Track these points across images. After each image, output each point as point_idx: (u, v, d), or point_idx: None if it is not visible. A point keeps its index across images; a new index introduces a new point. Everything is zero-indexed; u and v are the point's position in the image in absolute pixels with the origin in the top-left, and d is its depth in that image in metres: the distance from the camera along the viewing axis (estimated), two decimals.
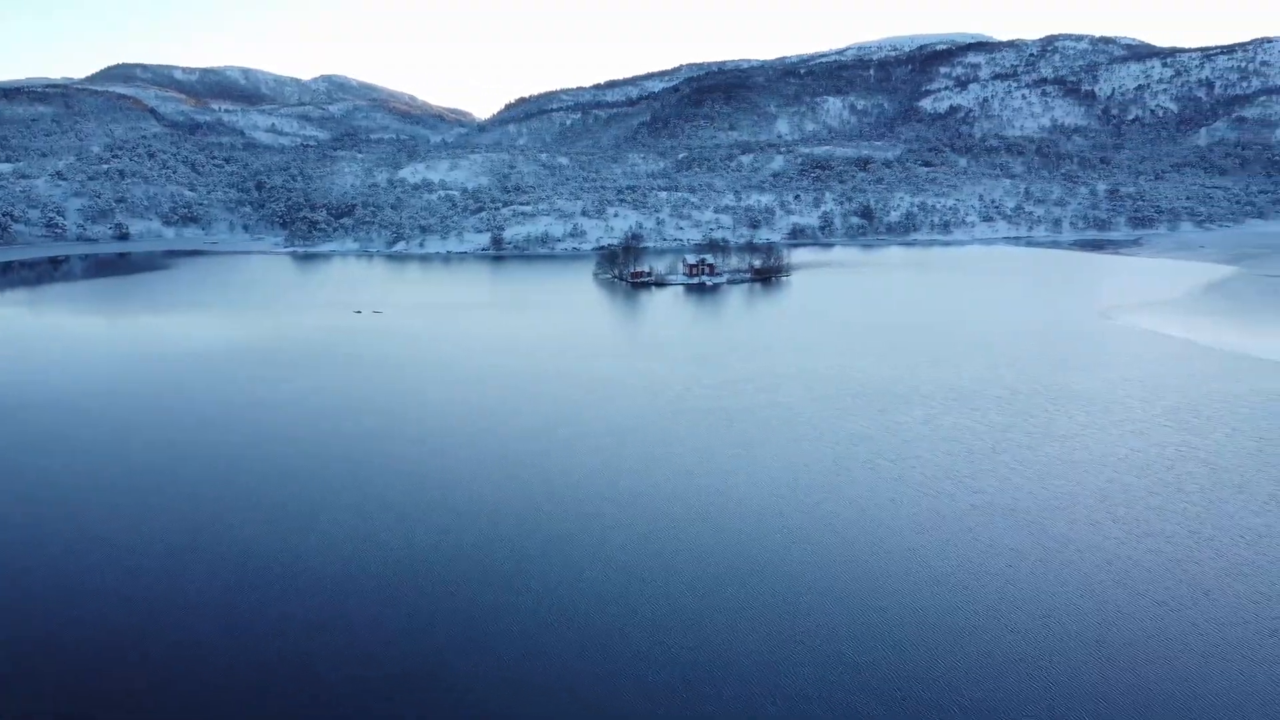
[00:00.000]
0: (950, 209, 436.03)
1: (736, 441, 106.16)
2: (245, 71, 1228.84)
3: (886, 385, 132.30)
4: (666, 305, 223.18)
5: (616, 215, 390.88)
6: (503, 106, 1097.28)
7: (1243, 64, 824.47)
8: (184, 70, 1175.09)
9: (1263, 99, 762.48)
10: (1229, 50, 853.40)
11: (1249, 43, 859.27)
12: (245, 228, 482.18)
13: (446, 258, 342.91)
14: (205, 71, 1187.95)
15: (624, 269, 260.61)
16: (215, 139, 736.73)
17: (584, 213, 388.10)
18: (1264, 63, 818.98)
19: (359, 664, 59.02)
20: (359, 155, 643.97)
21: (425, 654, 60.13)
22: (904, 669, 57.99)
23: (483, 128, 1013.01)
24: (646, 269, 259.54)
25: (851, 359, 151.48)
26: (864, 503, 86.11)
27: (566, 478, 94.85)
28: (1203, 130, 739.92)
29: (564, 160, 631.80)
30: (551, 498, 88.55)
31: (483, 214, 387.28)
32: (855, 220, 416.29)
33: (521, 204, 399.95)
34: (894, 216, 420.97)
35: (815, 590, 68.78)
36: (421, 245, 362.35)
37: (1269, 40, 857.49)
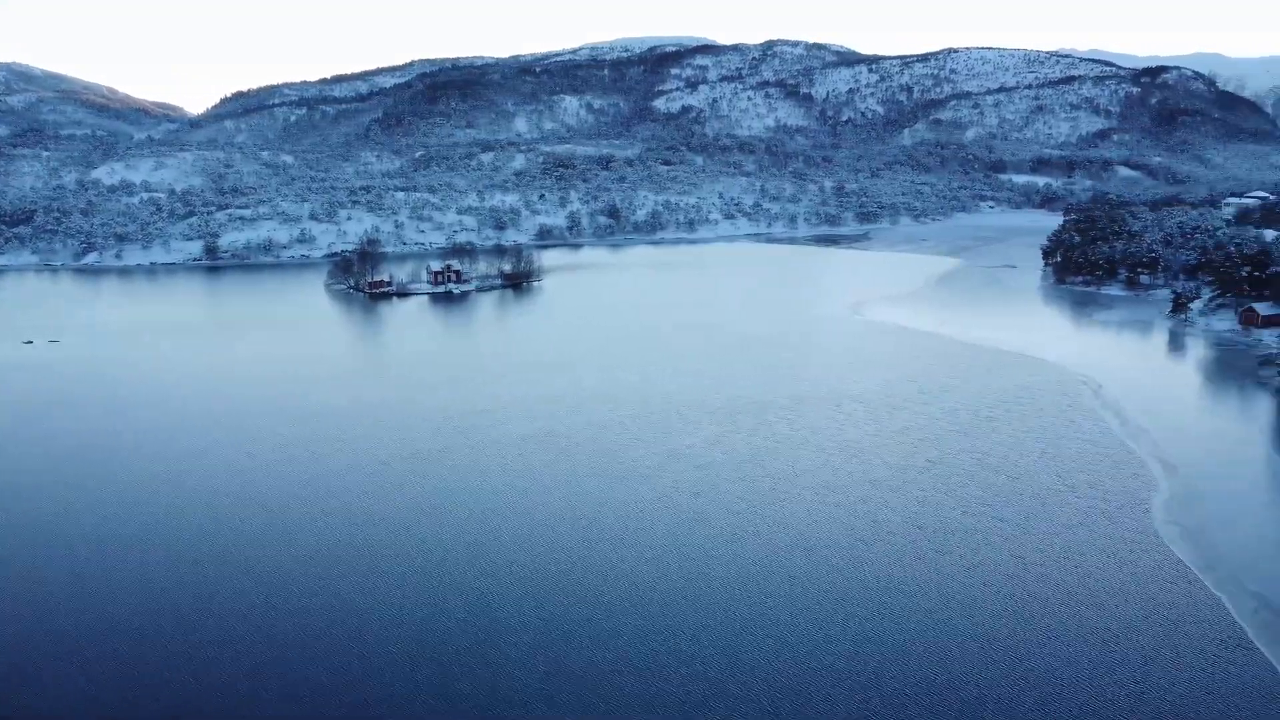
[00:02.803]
0: (694, 207, 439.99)
1: (506, 489, 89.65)
2: None
3: (665, 402, 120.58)
4: (411, 318, 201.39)
5: (350, 218, 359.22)
6: (218, 100, 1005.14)
7: (935, 71, 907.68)
8: None
9: (954, 103, 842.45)
10: (924, 59, 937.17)
11: (939, 52, 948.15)
12: None
13: (151, 270, 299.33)
14: None
15: (361, 278, 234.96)
16: None
17: (312, 216, 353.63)
18: (953, 70, 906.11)
19: None
20: (44, 154, 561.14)
21: None
22: None
23: (196, 123, 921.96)
24: (386, 277, 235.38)
25: (620, 373, 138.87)
26: (669, 553, 72.69)
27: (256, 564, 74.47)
28: (906, 131, 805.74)
29: (289, 158, 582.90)
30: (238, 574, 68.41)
31: (194, 219, 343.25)
32: (603, 220, 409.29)
33: (240, 207, 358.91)
34: (640, 215, 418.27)
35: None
36: (119, 256, 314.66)
37: (955, 50, 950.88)
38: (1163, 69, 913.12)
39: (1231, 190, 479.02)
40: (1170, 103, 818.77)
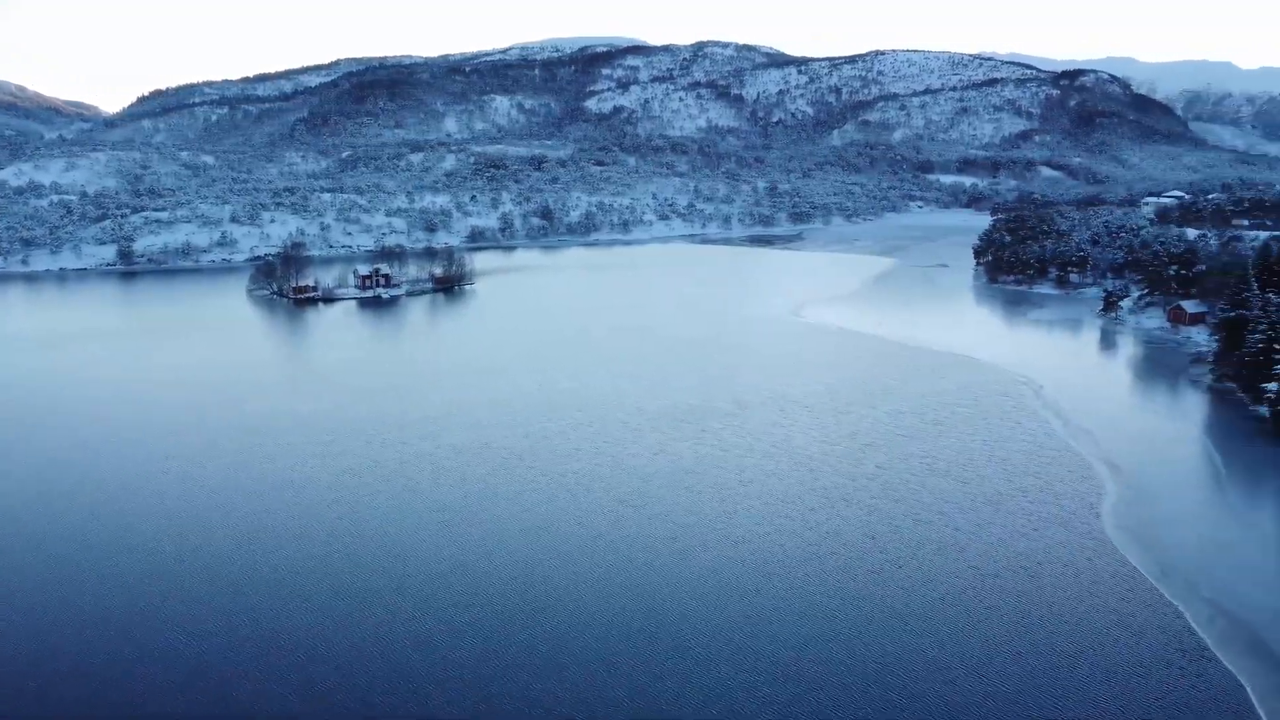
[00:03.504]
0: (628, 208, 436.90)
1: (440, 505, 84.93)
2: None
3: (605, 409, 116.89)
4: (338, 325, 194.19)
5: (274, 221, 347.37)
6: (135, 99, 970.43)
7: (863, 73, 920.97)
8: None
9: (881, 105, 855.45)
10: (851, 61, 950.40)
11: (866, 54, 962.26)
12: None
13: (60, 276, 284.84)
14: None
15: (285, 283, 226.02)
16: None
17: (234, 219, 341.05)
18: (880, 72, 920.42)
19: None
20: None
21: None
22: None
23: (111, 123, 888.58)
24: (312, 282, 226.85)
25: (557, 379, 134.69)
26: (615, 571, 68.89)
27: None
28: (835, 132, 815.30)
29: (209, 159, 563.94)
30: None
31: (107, 222, 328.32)
32: (536, 221, 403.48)
33: (157, 210, 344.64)
34: (574, 216, 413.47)
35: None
36: (25, 262, 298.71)
37: (881, 53, 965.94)
38: (1080, 72, 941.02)
39: (1149, 190, 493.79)
40: (1088, 105, 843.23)
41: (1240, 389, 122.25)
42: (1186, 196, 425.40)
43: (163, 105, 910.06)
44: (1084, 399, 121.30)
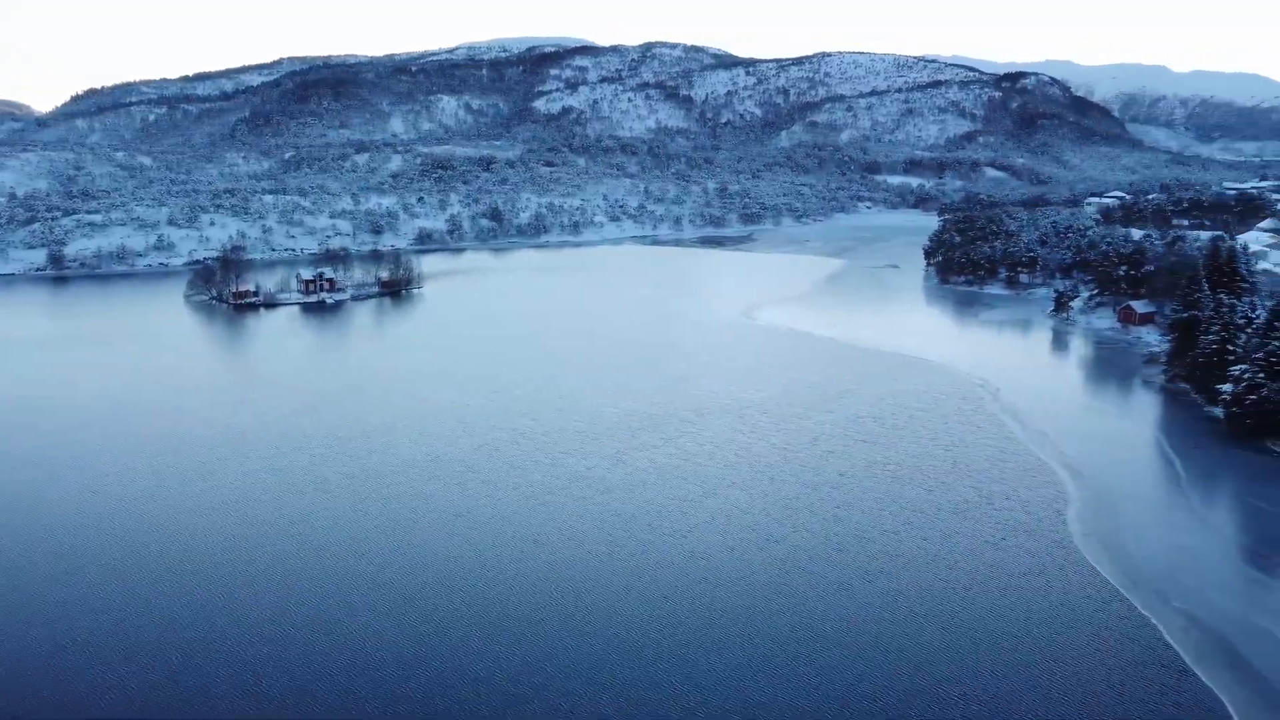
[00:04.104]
0: (578, 209, 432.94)
1: (389, 525, 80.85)
2: None
3: (559, 417, 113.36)
4: (281, 331, 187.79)
5: (213, 224, 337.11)
6: (69, 99, 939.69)
7: (810, 75, 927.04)
8: None
9: (829, 106, 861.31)
10: (798, 62, 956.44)
11: (813, 56, 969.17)
12: None
13: None
14: None
15: (224, 288, 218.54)
16: None
17: (171, 221, 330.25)
18: (826, 74, 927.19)
19: None
20: None
21: None
22: None
23: (44, 122, 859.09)
24: (252, 287, 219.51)
25: (509, 386, 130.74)
26: (574, 593, 65.56)
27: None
28: (784, 133, 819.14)
29: (146, 160, 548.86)
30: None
31: (36, 225, 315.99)
32: (485, 223, 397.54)
33: (90, 212, 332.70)
34: (524, 218, 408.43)
35: None
36: None
37: (828, 55, 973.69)
38: (1021, 74, 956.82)
39: (1091, 190, 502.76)
40: (1030, 107, 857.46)
41: (1193, 390, 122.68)
42: (1127, 197, 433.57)
43: (98, 104, 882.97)
44: (1041, 401, 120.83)
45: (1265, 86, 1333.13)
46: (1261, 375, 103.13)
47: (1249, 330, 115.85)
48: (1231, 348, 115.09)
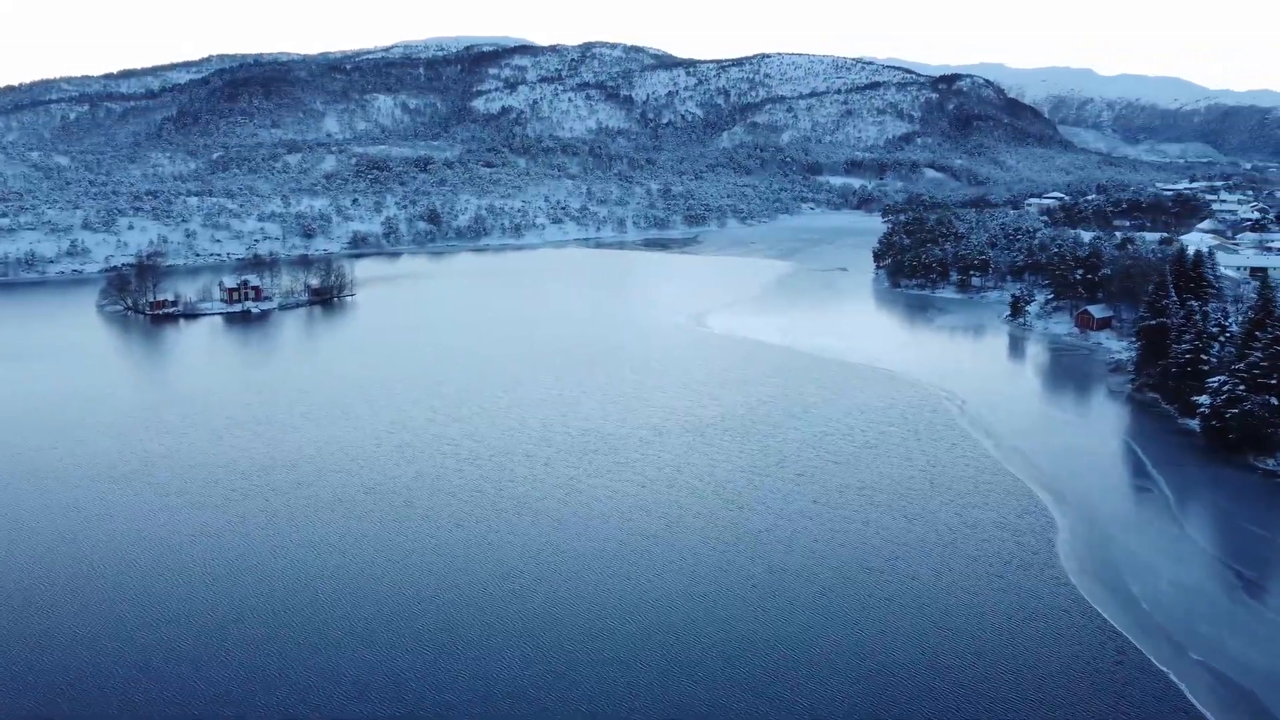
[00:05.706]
0: (519, 211, 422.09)
1: (318, 572, 71.31)
2: None
3: (504, 439, 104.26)
4: (200, 345, 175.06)
5: (132, 227, 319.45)
6: None
7: (750, 76, 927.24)
8: None
9: (769, 107, 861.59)
10: (738, 63, 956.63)
11: (753, 57, 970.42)
12: None
13: None
14: None
15: (140, 297, 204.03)
16: None
17: (86, 225, 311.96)
18: (767, 75, 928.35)
19: None
20: None
21: None
22: None
23: None
24: (171, 296, 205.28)
25: (450, 404, 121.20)
26: (531, 647, 57.20)
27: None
28: (725, 134, 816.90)
29: (63, 160, 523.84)
30: None
31: None
32: (422, 225, 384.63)
33: None
34: (463, 220, 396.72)
35: None
36: None
37: (768, 56, 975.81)
38: (956, 76, 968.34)
39: (1029, 191, 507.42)
40: (965, 108, 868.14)
41: (1164, 400, 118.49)
42: (1066, 198, 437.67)
43: (14, 102, 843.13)
44: (1011, 415, 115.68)
45: (1188, 90, 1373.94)
46: (1242, 388, 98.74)
47: (1222, 339, 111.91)
48: (1206, 357, 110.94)
